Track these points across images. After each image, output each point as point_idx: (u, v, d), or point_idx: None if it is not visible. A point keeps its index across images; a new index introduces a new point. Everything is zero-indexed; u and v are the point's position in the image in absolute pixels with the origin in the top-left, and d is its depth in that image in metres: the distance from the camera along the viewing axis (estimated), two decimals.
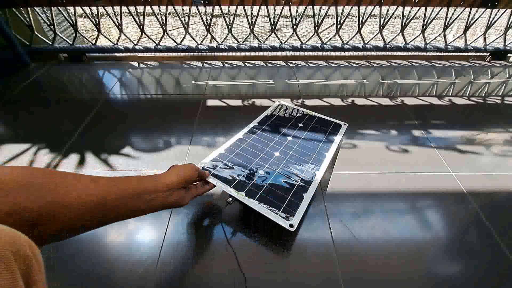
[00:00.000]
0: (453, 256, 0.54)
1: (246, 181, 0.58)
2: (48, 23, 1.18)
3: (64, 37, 1.22)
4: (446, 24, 1.23)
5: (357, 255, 0.53)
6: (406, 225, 0.59)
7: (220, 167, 0.61)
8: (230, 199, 0.55)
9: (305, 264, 0.52)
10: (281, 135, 0.74)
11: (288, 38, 1.29)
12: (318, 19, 1.20)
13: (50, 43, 1.23)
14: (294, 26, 1.21)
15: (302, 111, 0.84)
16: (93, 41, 1.25)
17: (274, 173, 0.61)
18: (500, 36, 1.31)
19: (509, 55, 1.38)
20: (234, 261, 0.52)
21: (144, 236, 0.56)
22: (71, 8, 1.16)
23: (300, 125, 0.78)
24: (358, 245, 0.55)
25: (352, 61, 1.33)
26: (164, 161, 0.73)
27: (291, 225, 0.49)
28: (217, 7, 1.14)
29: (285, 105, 0.86)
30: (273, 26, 1.19)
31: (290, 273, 0.51)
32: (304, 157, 0.67)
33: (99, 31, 1.21)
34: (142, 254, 0.53)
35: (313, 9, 1.16)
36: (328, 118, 0.82)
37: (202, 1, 1.11)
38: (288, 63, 1.30)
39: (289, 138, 0.73)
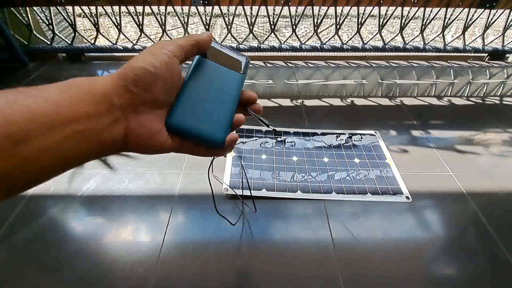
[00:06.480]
0: (452, 256, 0.54)
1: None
2: (47, 23, 1.17)
3: (62, 37, 1.22)
4: (445, 24, 1.23)
5: (356, 255, 0.53)
6: (406, 225, 0.59)
7: None
8: None
9: (305, 264, 0.52)
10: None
11: (288, 38, 1.29)
12: (318, 19, 1.20)
13: (49, 42, 1.22)
14: (294, 26, 1.21)
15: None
16: (92, 41, 1.24)
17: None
18: (499, 36, 1.31)
19: (507, 55, 1.38)
20: (233, 261, 0.52)
21: (144, 236, 0.56)
22: (69, 8, 1.16)
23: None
24: (357, 245, 0.55)
25: (351, 61, 1.33)
26: (164, 161, 0.73)
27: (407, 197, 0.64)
28: (216, 7, 1.14)
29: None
30: (273, 26, 1.19)
31: (290, 273, 0.51)
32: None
33: (98, 30, 1.20)
34: (142, 254, 0.53)
35: (313, 9, 1.16)
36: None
37: (201, 1, 1.11)
38: (288, 63, 1.30)
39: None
